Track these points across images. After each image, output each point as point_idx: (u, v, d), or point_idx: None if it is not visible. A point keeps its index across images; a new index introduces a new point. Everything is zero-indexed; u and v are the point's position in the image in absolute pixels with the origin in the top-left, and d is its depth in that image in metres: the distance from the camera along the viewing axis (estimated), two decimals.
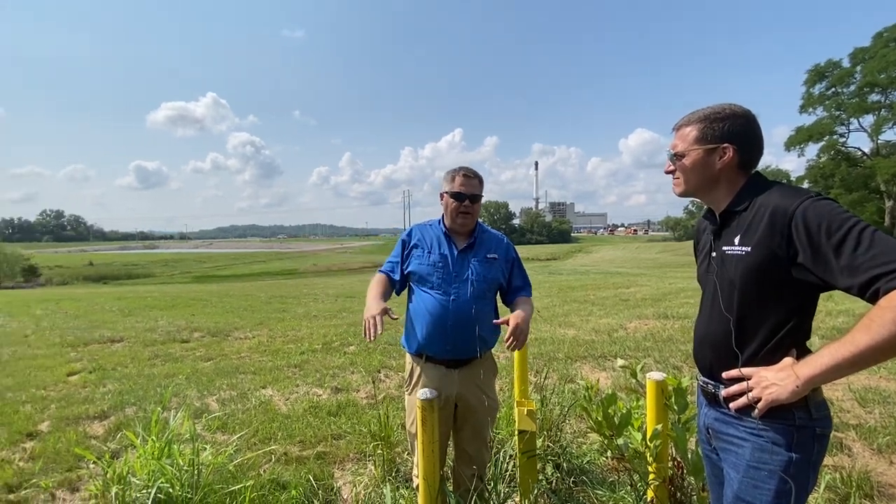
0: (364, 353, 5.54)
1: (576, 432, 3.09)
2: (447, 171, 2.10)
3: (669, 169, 1.42)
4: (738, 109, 1.31)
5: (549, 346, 5.48)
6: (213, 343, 6.58)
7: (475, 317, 1.97)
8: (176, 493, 2.12)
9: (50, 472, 2.80)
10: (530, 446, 2.18)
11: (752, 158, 1.31)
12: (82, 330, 8.02)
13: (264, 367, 5.12)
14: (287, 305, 11.15)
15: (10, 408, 3.98)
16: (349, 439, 3.15)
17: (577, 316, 7.56)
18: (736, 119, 1.29)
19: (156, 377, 4.84)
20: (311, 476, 2.57)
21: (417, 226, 2.19)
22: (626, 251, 55.92)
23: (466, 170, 2.07)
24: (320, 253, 78.27)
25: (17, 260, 48.22)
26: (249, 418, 3.57)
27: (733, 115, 1.30)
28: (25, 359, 5.90)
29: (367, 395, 4.10)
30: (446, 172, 2.10)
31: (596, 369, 4.60)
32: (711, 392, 1.34)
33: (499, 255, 2.08)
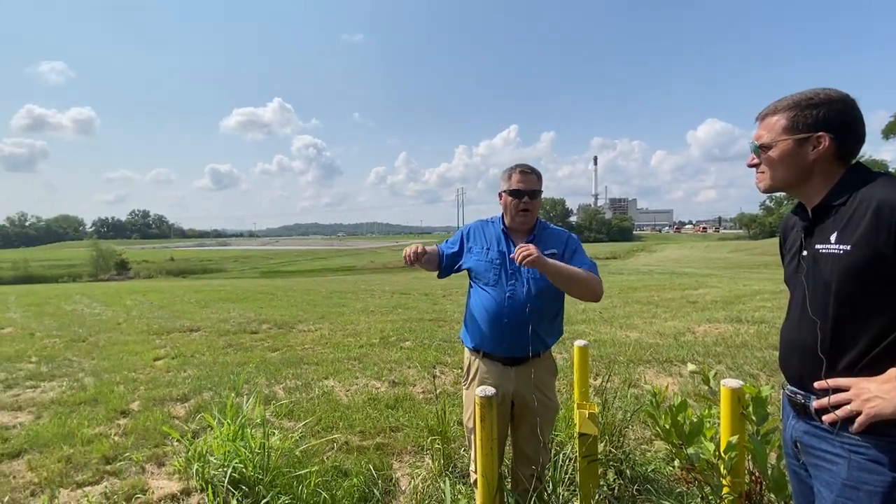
0: (420, 349, 5.63)
1: (640, 439, 2.96)
2: (504, 170, 2.08)
3: (753, 162, 1.31)
4: (834, 94, 1.18)
5: (609, 348, 5.28)
6: (279, 335, 6.95)
7: (531, 315, 1.93)
8: (248, 474, 2.26)
9: (140, 447, 3.09)
10: (592, 451, 2.11)
11: (852, 148, 1.18)
12: (165, 319, 8.77)
13: (326, 358, 5.34)
14: (346, 301, 11.57)
15: (106, 387, 4.43)
16: (406, 432, 3.21)
17: (640, 318, 7.23)
18: (832, 105, 1.17)
19: (229, 365, 5.19)
20: (370, 466, 2.65)
21: (478, 222, 2.20)
22: (694, 250, 52.63)
23: (523, 166, 2.04)
24: (377, 250, 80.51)
25: (111, 255, 53.83)
26: (313, 407, 3.74)
27: (828, 100, 1.17)
28: (118, 344, 6.54)
29: (424, 391, 4.16)
30: (503, 171, 2.09)
31: (661, 374, 4.38)
32: (801, 403, 1.23)
33: (558, 250, 2.02)
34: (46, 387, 4.56)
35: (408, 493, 2.50)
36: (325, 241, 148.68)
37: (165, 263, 57.30)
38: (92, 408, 3.90)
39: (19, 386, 4.58)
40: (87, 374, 4.94)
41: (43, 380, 4.78)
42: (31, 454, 3.03)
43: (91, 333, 7.41)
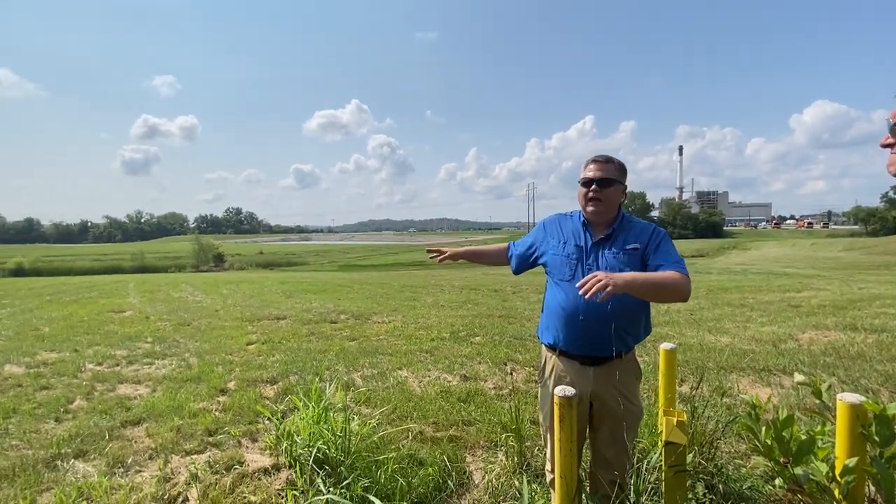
0: (490, 345, 5.61)
1: (734, 453, 2.71)
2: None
3: (887, 142, 1.14)
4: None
5: (696, 353, 4.90)
6: (356, 325, 7.28)
7: (611, 314, 1.83)
8: (331, 455, 2.39)
9: (237, 423, 3.39)
10: (679, 461, 1.97)
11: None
12: (256, 308, 9.55)
13: (399, 350, 5.50)
14: (417, 294, 11.84)
15: (208, 367, 4.92)
16: (479, 427, 3.22)
17: (732, 321, 6.63)
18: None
19: (311, 351, 5.53)
20: (445, 457, 2.68)
21: (556, 216, 2.12)
22: (796, 248, 47.17)
23: (598, 155, 1.95)
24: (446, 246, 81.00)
25: (210, 249, 59.74)
26: (388, 396, 3.87)
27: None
28: (217, 329, 7.23)
29: (495, 386, 4.14)
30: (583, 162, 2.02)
31: (757, 384, 3.98)
32: None
33: (640, 245, 1.89)
34: (159, 364, 5.17)
35: (481, 487, 2.51)
36: (396, 237, 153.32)
37: (255, 256, 62.48)
38: (196, 385, 4.35)
39: (138, 362, 5.23)
40: (191, 355, 5.52)
41: (157, 358, 5.42)
42: (148, 422, 3.45)
43: (194, 318, 8.26)
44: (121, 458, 2.88)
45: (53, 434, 3.25)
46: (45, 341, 6.38)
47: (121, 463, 2.84)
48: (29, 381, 4.52)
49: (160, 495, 2.47)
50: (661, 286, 1.69)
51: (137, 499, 2.42)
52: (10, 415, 3.63)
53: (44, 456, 2.91)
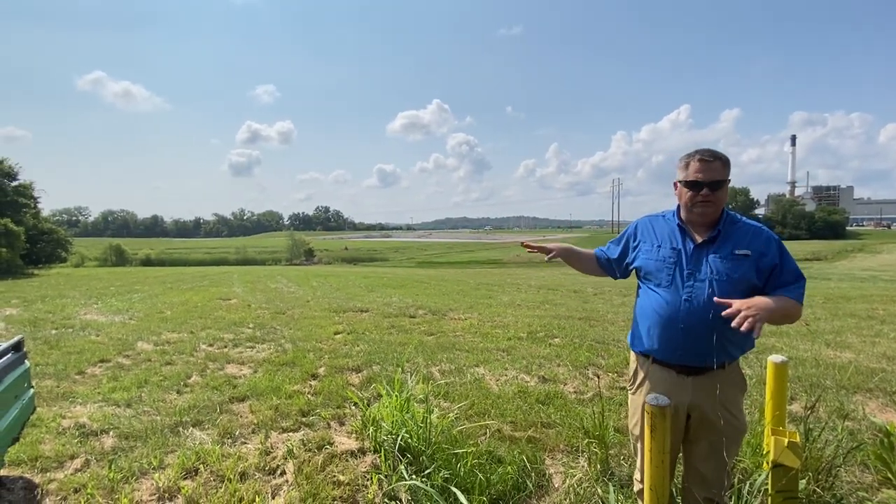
0: (570, 347, 5.44)
1: (857, 483, 2.38)
2: (681, 158, 1.83)
3: None
4: None
5: (810, 368, 4.37)
6: (433, 320, 7.45)
7: (714, 322, 1.68)
8: (413, 444, 2.48)
9: (326, 406, 3.64)
10: (791, 487, 1.77)
11: None
12: (342, 300, 10.14)
13: (476, 347, 5.54)
14: (493, 293, 11.81)
15: (300, 353, 5.32)
16: (559, 430, 3.14)
17: (856, 335, 5.80)
18: None
19: (392, 344, 5.76)
20: (524, 457, 2.66)
21: (647, 217, 1.99)
22: None
23: (703, 152, 1.76)
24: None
25: (302, 244, 64.61)
26: (466, 391, 3.92)
27: None
28: (308, 318, 7.79)
29: (576, 390, 4.01)
30: (680, 158, 1.84)
31: (889, 408, 3.45)
32: None
33: (752, 252, 1.72)
34: (260, 348, 5.69)
35: (561, 490, 2.45)
36: (472, 235, 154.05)
37: (341, 252, 66.36)
38: (291, 369, 4.73)
39: (242, 345, 5.80)
40: (286, 341, 6.01)
41: (257, 342, 5.97)
42: (251, 400, 3.82)
43: (288, 307, 8.98)
44: (229, 430, 3.22)
45: (175, 404, 3.71)
46: (167, 323, 7.31)
47: (229, 434, 3.18)
48: (156, 356, 5.21)
49: (262, 466, 2.72)
50: (787, 317, 1.71)
51: (244, 467, 2.69)
52: (143, 385, 4.21)
53: (168, 423, 3.35)
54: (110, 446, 3.01)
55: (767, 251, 1.73)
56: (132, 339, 6.03)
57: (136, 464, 2.75)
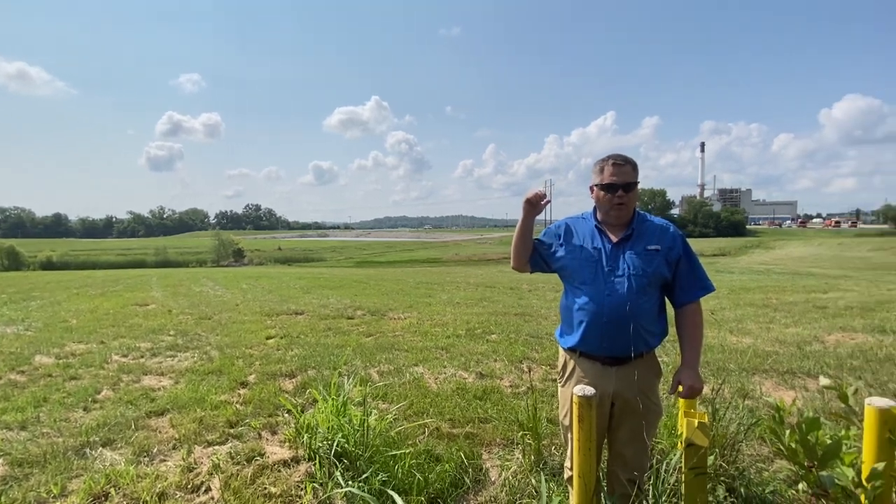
0: (506, 343, 5.60)
1: (756, 456, 2.67)
2: (595, 162, 1.96)
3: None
4: None
5: (717, 354, 4.82)
6: (372, 321, 7.34)
7: (632, 314, 1.82)
8: (349, 448, 2.43)
9: (257, 415, 3.46)
10: (700, 463, 1.94)
11: None
12: (275, 302, 9.70)
13: (416, 346, 5.53)
14: (432, 291, 11.88)
15: (228, 360, 5.02)
16: (495, 424, 3.22)
17: (755, 322, 6.49)
18: None
19: (329, 346, 5.60)
20: (461, 454, 2.70)
21: (569, 219, 2.09)
22: (823, 248, 45.82)
23: (616, 157, 1.90)
24: (461, 243, 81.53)
25: (230, 244, 60.98)
26: (405, 391, 3.90)
27: None
28: (237, 323, 7.37)
29: (512, 384, 4.13)
30: (595, 163, 1.97)
31: (781, 387, 3.90)
32: None
33: (662, 247, 1.88)
34: (182, 357, 5.29)
35: (498, 484, 2.51)
36: (412, 234, 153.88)
37: (274, 252, 63.48)
38: (217, 377, 4.44)
39: (161, 355, 5.37)
40: (212, 348, 5.64)
41: (179, 350, 5.55)
42: (172, 413, 3.54)
43: (215, 312, 8.44)
44: (146, 448, 2.97)
45: (82, 423, 3.36)
46: (72, 333, 6.59)
47: (146, 452, 2.92)
48: (58, 371, 4.68)
49: (184, 484, 2.53)
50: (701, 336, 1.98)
51: (162, 487, 2.49)
52: (41, 403, 3.76)
53: (73, 444, 3.02)
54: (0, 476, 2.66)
55: (674, 245, 1.90)
56: (28, 353, 5.37)
57: (31, 493, 2.45)
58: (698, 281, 1.92)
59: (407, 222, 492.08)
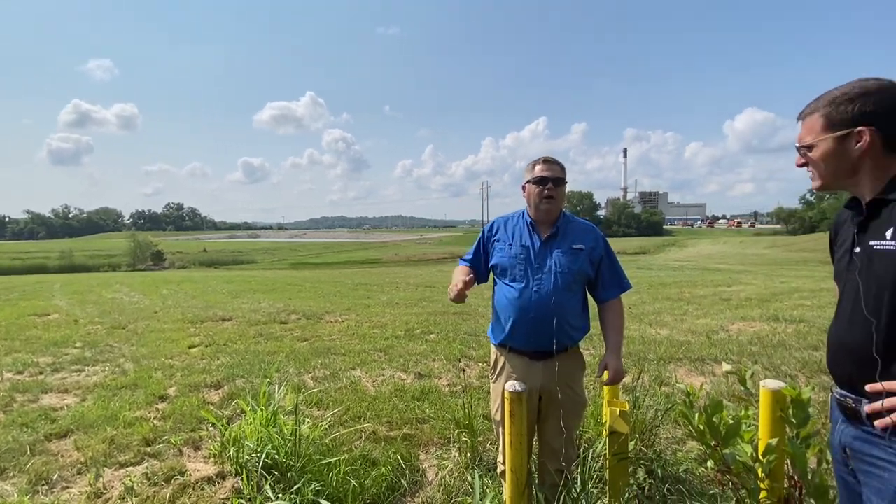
0: (445, 342, 5.64)
1: (671, 438, 2.89)
2: (528, 163, 2.08)
3: (800, 162, 1.27)
4: (872, 85, 1.12)
5: (638, 345, 5.17)
6: (307, 325, 7.09)
7: (557, 309, 1.91)
8: (280, 460, 2.32)
9: (178, 430, 3.21)
10: (622, 449, 2.07)
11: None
12: (199, 309, 9.08)
13: (353, 349, 5.42)
14: (371, 293, 11.70)
15: (145, 373, 4.62)
16: (433, 424, 3.23)
17: (671, 315, 7.05)
18: (868, 96, 1.11)
19: (260, 354, 5.34)
20: (398, 456, 2.68)
21: (499, 218, 2.17)
22: (727, 246, 50.86)
23: (547, 157, 2.04)
24: (401, 243, 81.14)
25: (147, 246, 56.08)
26: (341, 397, 3.81)
27: (865, 92, 1.12)
28: (156, 332, 6.81)
29: (449, 383, 4.17)
30: (527, 164, 2.08)
31: (693, 373, 4.26)
32: (851, 407, 1.17)
33: (585, 246, 2.00)
34: (90, 371, 4.80)
35: (434, 484, 2.53)
36: (350, 234, 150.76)
37: (199, 255, 59.33)
38: (132, 392, 4.08)
39: (66, 370, 4.83)
40: (127, 360, 5.17)
41: (87, 364, 5.03)
42: (77, 434, 3.20)
43: (130, 321, 7.74)
44: (45, 475, 2.65)
45: None
46: None
47: (45, 479, 2.62)
48: None
49: None
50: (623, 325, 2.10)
51: None
52: None
53: None
54: None
55: (597, 245, 2.03)
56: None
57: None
58: (618, 279, 2.06)
59: (345, 222, 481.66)
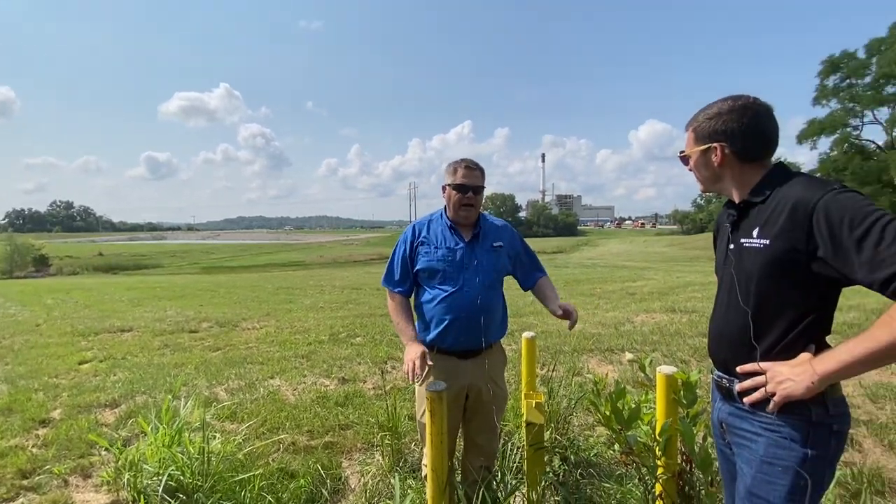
0: (371, 345, 5.56)
1: (583, 425, 3.09)
2: (448, 164, 2.08)
3: (687, 169, 1.43)
4: (727, 106, 1.28)
5: (555, 339, 5.47)
6: (221, 333, 6.63)
7: (485, 307, 1.97)
8: (186, 481, 2.15)
9: (63, 458, 2.84)
10: (538, 439, 2.17)
11: (752, 150, 1.28)
12: (93, 319, 8.12)
13: (272, 357, 5.16)
14: (294, 297, 11.22)
15: (23, 395, 4.04)
16: (357, 429, 3.17)
17: (584, 309, 7.53)
18: (721, 116, 1.28)
19: (165, 366, 4.89)
20: (319, 465, 2.59)
21: (419, 222, 2.14)
22: (633, 245, 55.63)
23: (468, 161, 2.05)
24: (326, 244, 78.48)
25: (28, 250, 48.82)
26: (258, 408, 3.60)
27: (720, 112, 1.28)
28: (38, 347, 5.98)
29: (374, 386, 4.12)
30: (447, 165, 2.09)
31: (603, 363, 4.59)
32: (726, 387, 1.33)
33: (504, 244, 2.09)
34: None
35: (357, 490, 2.48)
36: (271, 235, 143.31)
37: (93, 259, 52.87)
38: (6, 418, 3.54)
39: None
40: (1, 382, 4.48)
41: None
42: None
43: (5, 336, 6.73)
44: None
45: None
46: None
47: None
48: None
49: None
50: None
51: None
52: None
53: None
54: None
55: (512, 240, 2.14)
56: None
57: None
58: (536, 265, 2.21)
59: (265, 223, 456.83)
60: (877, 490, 2.30)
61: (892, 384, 3.64)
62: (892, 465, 2.55)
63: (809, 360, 1.13)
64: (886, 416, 3.11)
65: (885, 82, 27.62)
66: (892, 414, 3.15)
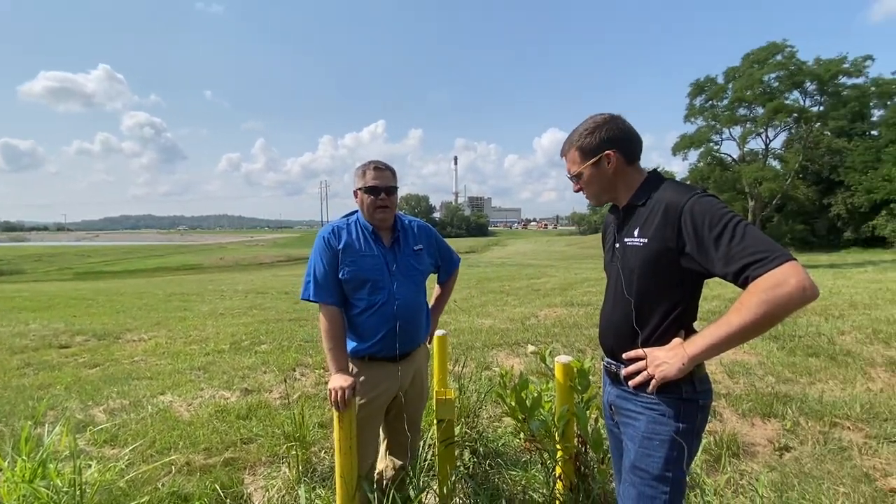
0: (278, 352, 5.27)
1: (492, 417, 3.22)
2: (357, 167, 1.99)
3: (576, 188, 1.54)
4: (600, 118, 1.45)
5: (467, 335, 5.63)
6: (99, 347, 5.85)
7: (416, 310, 1.98)
8: None
9: None
10: (448, 434, 2.22)
11: (635, 151, 1.45)
12: None
13: (163, 371, 4.67)
14: (189, 303, 10.26)
15: None
16: (261, 442, 2.98)
17: (494, 306, 7.86)
18: (602, 127, 1.43)
19: (27, 389, 4.20)
20: (217, 485, 2.40)
21: (336, 227, 1.99)
22: (537, 244, 59.28)
23: (377, 162, 1.97)
24: (227, 246, 72.72)
25: None
26: (145, 428, 3.23)
27: (597, 125, 1.44)
28: None
29: (281, 396, 3.91)
30: (356, 168, 1.99)
31: (511, 356, 4.82)
32: (614, 372, 1.47)
33: (424, 244, 2.09)
34: None
35: None
36: (162, 236, 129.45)
37: None
38: None
39: None
40: None
41: None
42: None
43: None
44: None
45: None
46: None
47: None
48: None
49: None
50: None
51: None
52: None
53: None
54: None
55: (430, 240, 2.15)
56: None
57: None
58: (451, 256, 2.27)
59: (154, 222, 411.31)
60: (733, 453, 2.70)
61: (744, 361, 4.29)
62: (745, 430, 3.01)
63: (681, 344, 1.29)
64: (741, 389, 3.66)
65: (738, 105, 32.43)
66: (745, 387, 3.71)
